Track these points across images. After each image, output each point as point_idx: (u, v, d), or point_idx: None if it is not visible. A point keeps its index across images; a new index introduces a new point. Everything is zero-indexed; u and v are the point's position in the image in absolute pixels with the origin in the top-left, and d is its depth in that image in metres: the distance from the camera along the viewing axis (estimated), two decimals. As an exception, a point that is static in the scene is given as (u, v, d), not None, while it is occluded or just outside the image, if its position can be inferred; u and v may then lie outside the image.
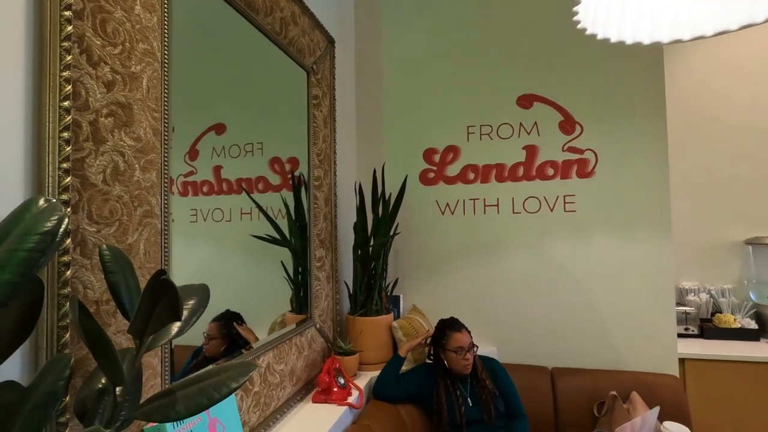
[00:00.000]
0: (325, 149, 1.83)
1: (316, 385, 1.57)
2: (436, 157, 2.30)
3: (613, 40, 1.30)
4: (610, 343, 2.08)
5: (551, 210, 2.16)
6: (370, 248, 1.95)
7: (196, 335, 1.19)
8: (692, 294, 2.43)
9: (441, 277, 2.28)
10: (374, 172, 2.07)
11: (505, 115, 2.22)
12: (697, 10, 1.22)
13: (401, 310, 2.23)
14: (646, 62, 2.06)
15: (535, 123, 2.18)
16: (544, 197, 2.17)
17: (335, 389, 1.54)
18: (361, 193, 1.99)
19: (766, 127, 2.48)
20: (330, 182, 1.88)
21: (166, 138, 0.94)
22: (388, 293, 2.07)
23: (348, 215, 2.13)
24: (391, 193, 2.05)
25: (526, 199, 2.19)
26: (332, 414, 1.44)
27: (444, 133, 2.29)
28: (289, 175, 1.68)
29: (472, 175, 2.25)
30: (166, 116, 0.94)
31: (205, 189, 1.35)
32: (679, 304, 2.41)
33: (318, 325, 1.72)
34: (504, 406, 1.69)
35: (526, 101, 2.20)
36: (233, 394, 1.00)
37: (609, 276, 2.08)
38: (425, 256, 2.30)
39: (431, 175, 2.31)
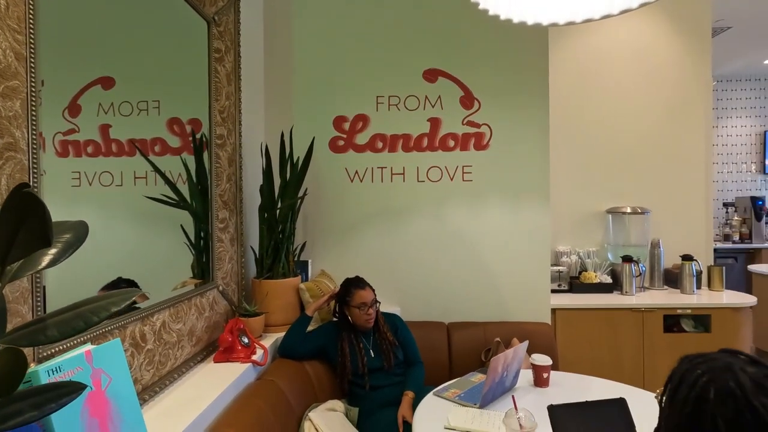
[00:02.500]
0: (228, 107, 1.76)
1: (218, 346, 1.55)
2: (346, 125, 2.33)
3: (503, 17, 1.43)
4: (498, 298, 2.34)
5: (451, 179, 2.33)
6: (278, 211, 1.94)
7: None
8: (565, 256, 2.81)
9: (350, 242, 2.34)
10: (282, 134, 2.05)
11: (412, 87, 2.32)
12: None
13: (309, 274, 2.26)
14: (533, 45, 2.30)
15: (439, 97, 2.32)
16: (446, 167, 2.33)
17: (239, 348, 1.54)
18: (267, 155, 1.96)
19: (627, 112, 2.92)
20: (234, 142, 1.82)
21: (32, 68, 0.85)
22: (296, 257, 2.09)
23: (255, 178, 2.08)
24: (299, 157, 2.04)
25: (429, 169, 2.33)
26: (234, 372, 1.44)
27: (354, 102, 2.33)
28: (191, 138, 1.60)
29: (380, 144, 2.33)
30: (32, 44, 0.84)
31: (90, 150, 1.23)
32: (554, 264, 2.78)
33: (221, 288, 1.68)
34: (403, 355, 1.83)
35: (431, 75, 2.32)
36: (122, 347, 0.96)
37: (498, 240, 2.33)
38: (335, 222, 2.34)
39: (341, 142, 2.34)
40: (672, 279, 2.74)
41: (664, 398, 0.69)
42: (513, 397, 1.13)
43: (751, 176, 6.36)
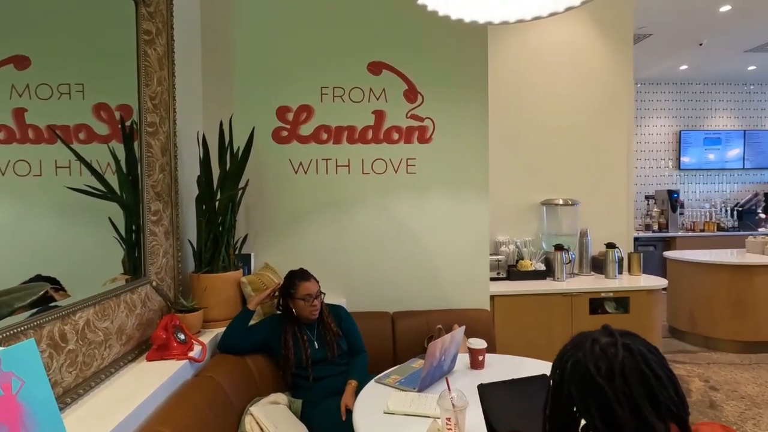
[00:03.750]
0: (160, 93, 1.67)
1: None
2: (290, 116, 2.29)
3: (441, 13, 1.47)
4: (441, 287, 2.42)
5: (396, 172, 2.37)
6: (217, 203, 1.87)
7: None
8: (504, 245, 2.97)
9: (294, 235, 2.32)
10: (221, 123, 1.97)
11: (357, 79, 2.32)
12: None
13: (252, 267, 2.21)
14: (474, 42, 2.38)
15: (384, 90, 2.34)
16: (390, 160, 2.36)
17: (174, 345, 1.48)
18: (205, 144, 1.88)
19: (560, 111, 3.11)
20: (168, 130, 1.73)
21: None
22: (237, 250, 2.03)
23: (193, 168, 1.99)
24: (239, 147, 1.98)
25: (374, 161, 2.35)
26: (169, 370, 1.38)
27: (298, 92, 2.29)
28: (120, 125, 1.50)
29: (325, 136, 2.32)
30: None
31: (1, 136, 1.12)
32: (494, 253, 2.92)
33: (155, 283, 1.61)
34: (347, 345, 1.85)
35: (376, 68, 2.33)
36: (36, 348, 0.89)
37: (441, 230, 2.41)
38: (279, 214, 2.31)
39: (285, 133, 2.29)
40: (598, 265, 2.98)
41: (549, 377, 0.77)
42: (447, 379, 1.18)
43: (668, 171, 7.01)
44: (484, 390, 1.07)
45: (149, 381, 1.29)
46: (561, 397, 0.74)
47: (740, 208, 6.46)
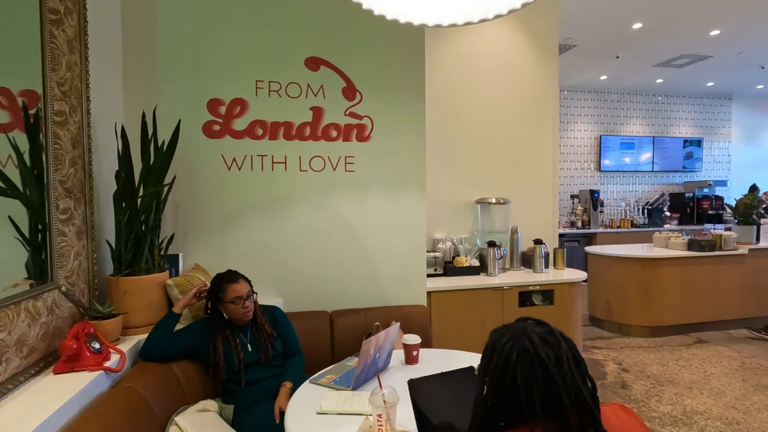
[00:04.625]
0: (70, 79, 1.52)
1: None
2: (222, 109, 2.19)
3: (376, 12, 1.47)
4: (379, 284, 2.44)
5: (334, 169, 2.35)
6: (139, 200, 1.74)
7: None
8: (441, 242, 3.06)
9: (228, 234, 2.22)
10: (143, 115, 1.84)
11: (294, 74, 2.27)
12: (445, 3, 1.49)
13: (180, 268, 2.09)
14: (411, 43, 2.42)
15: (322, 86, 2.31)
16: (328, 157, 2.34)
17: (87, 355, 1.36)
18: (125, 136, 1.74)
19: (493, 114, 3.26)
20: (80, 120, 1.58)
21: None
22: (163, 251, 1.91)
23: (111, 163, 1.83)
24: (164, 140, 1.86)
25: (312, 158, 2.32)
26: (80, 382, 1.27)
27: (231, 85, 2.20)
28: (23, 113, 1.34)
29: (260, 131, 2.24)
30: None
31: None
32: (431, 250, 3.00)
33: (64, 288, 1.46)
34: (282, 347, 1.81)
35: (313, 63, 2.29)
36: None
37: (379, 228, 2.43)
38: (211, 212, 2.20)
39: (216, 127, 2.19)
40: (527, 260, 3.17)
41: (480, 368, 0.79)
42: (378, 376, 1.20)
43: (590, 173, 7.61)
44: (415, 385, 1.10)
45: (55, 396, 1.17)
46: (502, 386, 0.74)
47: (649, 207, 7.18)
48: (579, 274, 2.98)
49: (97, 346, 1.41)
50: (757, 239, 4.23)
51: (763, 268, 3.96)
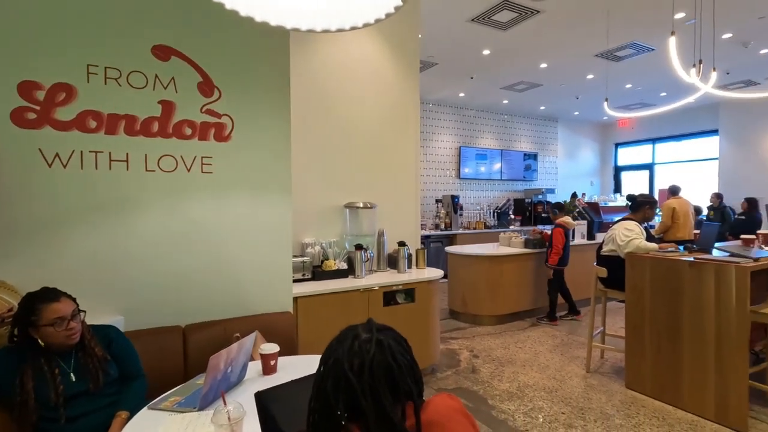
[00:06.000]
0: None
1: None
2: (40, 94, 1.83)
3: (227, 6, 1.40)
4: (241, 293, 2.32)
5: (189, 170, 2.16)
6: None
7: None
8: (310, 247, 3.04)
9: (49, 244, 1.86)
10: None
11: (138, 62, 2.02)
12: (309, 8, 1.48)
13: (-25, 288, 1.68)
14: (276, 44, 2.36)
15: (173, 78, 2.10)
16: (182, 157, 2.14)
17: None
18: None
19: (361, 121, 3.37)
20: None
21: None
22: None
23: None
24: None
25: (161, 157, 2.09)
26: None
27: (53, 66, 1.85)
28: None
29: (93, 124, 1.94)
30: None
31: None
32: (300, 255, 2.97)
33: None
34: (117, 371, 1.58)
35: (162, 53, 2.07)
36: None
37: (241, 234, 2.30)
38: (24, 216, 1.81)
39: (32, 115, 1.82)
40: (393, 262, 3.34)
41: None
42: (222, 393, 1.13)
43: (452, 179, 8.42)
44: (261, 397, 1.06)
45: None
46: (321, 392, 0.79)
47: (498, 211, 8.24)
48: (437, 273, 3.26)
49: None
50: (573, 237, 5.18)
51: (575, 261, 4.87)
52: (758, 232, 3.33)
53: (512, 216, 8.31)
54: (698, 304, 2.57)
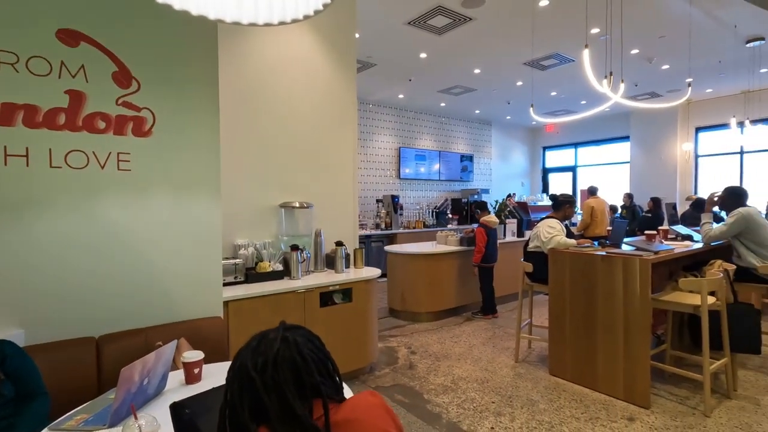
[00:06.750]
0: None
1: None
2: None
3: (159, 0, 1.30)
4: (166, 298, 2.17)
5: (102, 167, 1.98)
6: None
7: None
8: (243, 248, 2.93)
9: (-75, 250, 1.62)
10: None
11: (40, 46, 1.82)
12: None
13: None
14: (202, 34, 2.24)
15: (83, 66, 1.92)
16: (93, 152, 1.96)
17: None
18: None
19: (297, 119, 3.30)
20: None
21: None
22: None
23: None
24: None
25: (69, 153, 1.90)
26: None
27: (-70, 46, 1.61)
28: None
29: (-17, 113, 1.72)
30: None
31: None
32: (232, 257, 2.85)
33: None
34: (14, 391, 1.41)
35: (70, 38, 1.88)
36: None
37: (165, 236, 2.16)
38: None
39: None
40: (330, 262, 3.31)
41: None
42: (132, 406, 1.05)
43: (392, 180, 8.53)
44: (177, 408, 1.00)
45: None
46: (228, 397, 0.76)
47: (437, 210, 8.48)
48: (375, 272, 3.28)
49: None
50: (504, 235, 5.47)
51: (507, 257, 5.14)
52: (659, 228, 3.73)
53: (450, 215, 8.59)
54: (610, 294, 2.83)
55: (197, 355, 1.53)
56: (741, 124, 7.18)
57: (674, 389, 2.89)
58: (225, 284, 2.62)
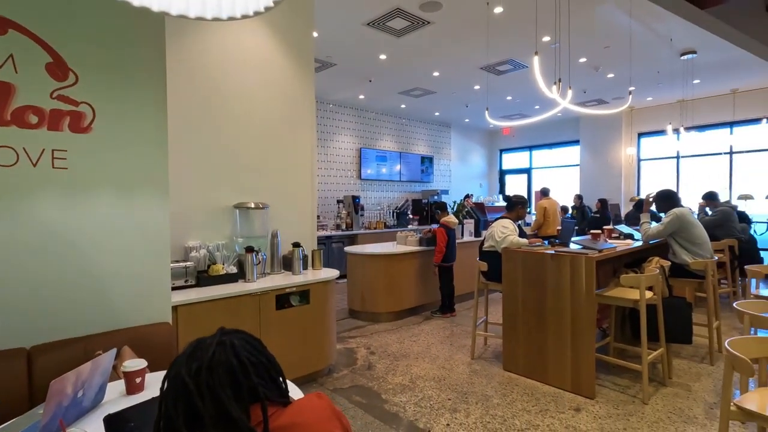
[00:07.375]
0: None
1: None
2: None
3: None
4: (107, 305, 2.05)
5: (34, 165, 1.84)
6: None
7: None
8: (195, 251, 2.82)
9: None
10: None
11: (-40, 32, 1.67)
12: None
13: None
14: (147, 24, 2.14)
15: (11, 56, 1.77)
16: (24, 149, 1.82)
17: None
18: None
19: (252, 118, 3.22)
20: None
21: None
22: None
23: None
24: None
25: (-5, 149, 1.75)
26: None
27: None
28: None
29: None
30: None
31: None
32: (183, 260, 2.73)
33: None
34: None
35: (-4, 24, 1.74)
36: None
37: (108, 238, 2.04)
38: None
39: None
40: (288, 263, 3.26)
41: None
42: (60, 420, 0.98)
43: (353, 180, 8.50)
44: (111, 421, 0.95)
45: None
46: (163, 407, 0.73)
47: (398, 211, 8.55)
48: (333, 273, 3.26)
49: None
50: (462, 235, 5.59)
51: (465, 257, 5.26)
52: (604, 227, 3.95)
53: (410, 216, 8.69)
54: (558, 291, 2.96)
55: (140, 363, 1.45)
56: (677, 131, 7.75)
57: (617, 379, 3.07)
58: (174, 288, 2.51)
